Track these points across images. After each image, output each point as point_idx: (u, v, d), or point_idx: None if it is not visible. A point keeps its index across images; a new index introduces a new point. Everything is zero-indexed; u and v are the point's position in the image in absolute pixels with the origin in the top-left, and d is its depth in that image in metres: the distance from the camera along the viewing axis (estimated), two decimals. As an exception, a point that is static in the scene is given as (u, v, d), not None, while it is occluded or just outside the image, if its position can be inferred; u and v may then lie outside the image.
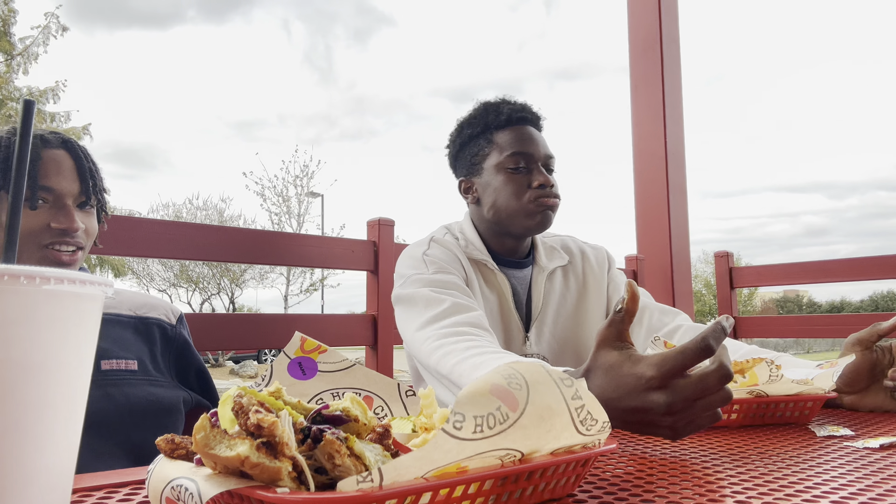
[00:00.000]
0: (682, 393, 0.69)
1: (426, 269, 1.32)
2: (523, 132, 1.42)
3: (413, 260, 1.37)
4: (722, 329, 0.69)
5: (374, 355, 2.11)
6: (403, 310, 1.30)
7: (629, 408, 0.71)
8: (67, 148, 1.06)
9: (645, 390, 0.70)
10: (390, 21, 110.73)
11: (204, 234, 1.80)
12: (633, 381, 0.71)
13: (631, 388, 0.71)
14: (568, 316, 1.47)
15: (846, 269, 2.89)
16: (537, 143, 1.41)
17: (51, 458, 0.38)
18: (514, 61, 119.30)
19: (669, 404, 0.69)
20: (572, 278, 1.51)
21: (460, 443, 0.43)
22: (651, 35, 2.94)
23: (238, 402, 0.42)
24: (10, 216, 0.45)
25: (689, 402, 0.69)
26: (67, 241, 1.02)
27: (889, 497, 0.54)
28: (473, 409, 0.44)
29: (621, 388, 0.72)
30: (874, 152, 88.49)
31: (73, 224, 1.02)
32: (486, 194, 1.42)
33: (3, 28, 12.70)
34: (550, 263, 1.48)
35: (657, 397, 0.69)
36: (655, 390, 0.69)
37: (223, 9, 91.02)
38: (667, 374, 0.69)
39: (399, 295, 1.32)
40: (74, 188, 1.05)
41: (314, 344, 0.68)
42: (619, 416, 0.72)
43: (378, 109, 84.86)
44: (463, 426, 0.43)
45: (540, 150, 1.40)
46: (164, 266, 18.47)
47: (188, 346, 1.23)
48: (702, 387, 0.68)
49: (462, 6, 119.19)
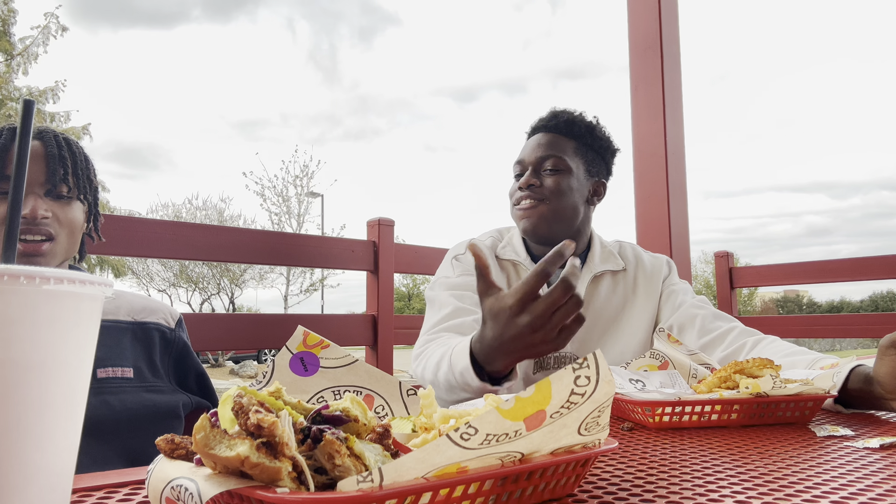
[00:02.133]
0: (536, 310, 0.85)
1: (452, 273, 1.40)
2: (531, 141, 1.45)
3: (445, 263, 1.45)
4: (557, 252, 0.84)
5: (374, 355, 2.11)
6: (427, 309, 1.40)
7: (510, 337, 0.88)
8: (41, 138, 1.03)
9: (512, 318, 0.87)
10: (395, 20, 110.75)
11: (204, 234, 1.80)
12: (503, 314, 0.88)
13: (504, 321, 0.88)
14: (608, 322, 1.45)
15: (846, 269, 2.89)
16: (533, 149, 1.42)
17: (51, 457, 0.38)
18: (519, 60, 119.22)
19: (531, 323, 0.85)
20: (621, 285, 1.48)
21: (464, 451, 0.43)
22: (651, 35, 2.94)
23: (238, 402, 0.42)
24: (9, 216, 0.44)
25: (545, 316, 0.85)
26: (31, 229, 0.97)
27: (889, 497, 0.54)
28: (489, 428, 0.43)
29: (499, 324, 0.89)
30: (878, 152, 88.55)
31: (32, 212, 0.97)
32: None
33: (3, 28, 12.70)
34: (602, 266, 1.47)
35: (521, 320, 0.86)
36: (517, 315, 0.87)
37: (228, 8, 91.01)
38: (523, 299, 0.85)
39: (427, 296, 1.43)
40: (39, 177, 1.00)
41: (317, 339, 0.67)
42: (510, 346, 0.89)
43: (381, 109, 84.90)
44: (471, 439, 0.42)
45: (532, 154, 1.41)
46: (163, 266, 18.46)
47: (187, 349, 1.23)
48: (550, 300, 0.84)
49: (468, 5, 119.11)
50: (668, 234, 2.89)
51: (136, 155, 65.05)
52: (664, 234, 2.91)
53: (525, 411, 0.44)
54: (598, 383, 0.47)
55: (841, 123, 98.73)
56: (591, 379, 0.47)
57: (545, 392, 0.45)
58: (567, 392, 0.46)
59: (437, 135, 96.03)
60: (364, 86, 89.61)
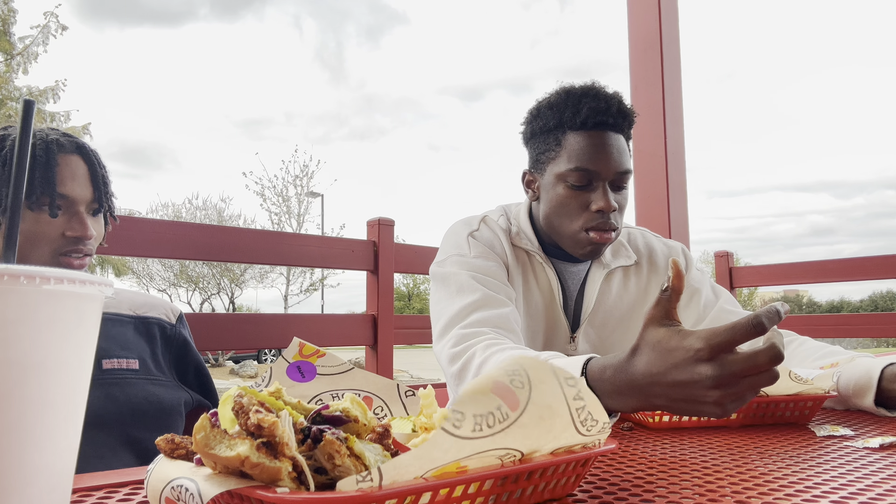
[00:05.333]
0: (730, 367, 0.67)
1: (468, 251, 1.25)
2: (597, 141, 1.21)
3: (458, 238, 1.29)
4: (776, 312, 0.68)
5: (373, 355, 2.11)
6: (438, 288, 1.24)
7: (676, 381, 0.70)
8: (82, 153, 1.06)
9: (693, 362, 0.69)
10: (403, 19, 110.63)
11: (204, 234, 1.80)
12: (682, 353, 0.70)
13: (679, 360, 0.70)
14: (621, 319, 1.35)
15: (846, 268, 2.89)
16: (608, 158, 1.20)
17: (51, 457, 0.38)
18: (526, 59, 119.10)
19: (717, 377, 0.68)
20: (633, 280, 1.38)
21: (459, 441, 0.42)
22: (651, 35, 2.93)
23: (238, 402, 0.42)
24: (9, 216, 0.44)
25: (736, 377, 0.68)
26: (80, 248, 1.03)
27: (889, 497, 0.54)
28: (473, 408, 0.43)
29: (669, 361, 0.71)
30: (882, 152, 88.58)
31: (86, 232, 1.03)
32: (544, 200, 1.28)
33: (3, 28, 12.69)
34: (614, 261, 1.35)
35: (705, 370, 0.68)
36: (704, 362, 0.68)
37: (236, 6, 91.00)
38: (716, 348, 0.68)
39: (435, 272, 1.26)
40: (87, 195, 1.05)
41: (312, 349, 0.68)
42: (665, 391, 0.72)
43: (386, 108, 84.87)
44: (462, 424, 0.42)
45: (611, 165, 1.20)
46: (164, 266, 18.46)
47: (188, 345, 1.23)
48: (751, 363, 0.67)
49: (477, 4, 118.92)
50: (668, 235, 2.89)
51: (140, 154, 65.18)
52: (664, 235, 2.91)
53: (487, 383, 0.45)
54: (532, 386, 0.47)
55: (846, 123, 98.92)
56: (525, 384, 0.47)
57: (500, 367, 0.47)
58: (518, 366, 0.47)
59: (442, 134, 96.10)
60: (370, 85, 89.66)
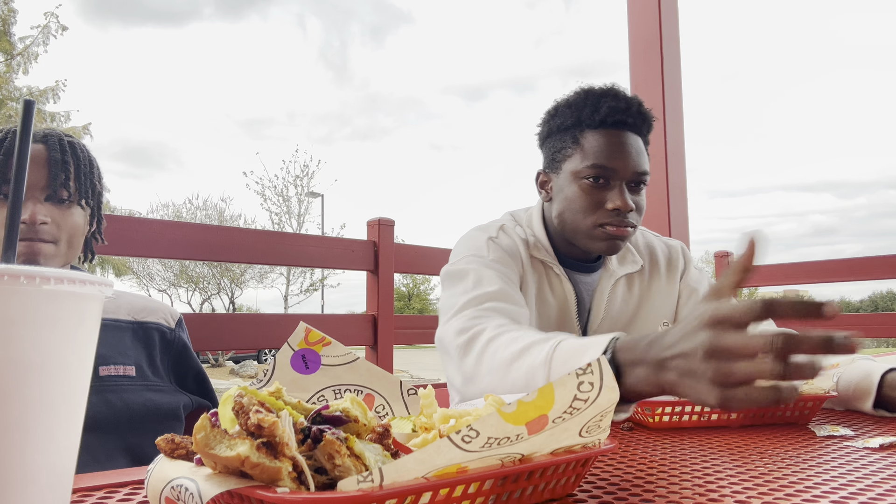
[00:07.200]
0: (725, 339, 0.60)
1: (487, 254, 1.22)
2: (615, 140, 1.20)
3: (476, 241, 1.26)
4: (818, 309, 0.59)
5: (374, 355, 2.11)
6: (453, 283, 1.19)
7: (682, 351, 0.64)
8: (46, 142, 1.03)
9: (696, 329, 0.63)
10: (408, 18, 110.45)
11: (204, 234, 1.80)
12: (692, 319, 0.65)
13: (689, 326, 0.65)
14: (626, 324, 1.33)
15: (846, 268, 2.89)
16: (627, 156, 1.19)
17: (51, 457, 0.38)
18: (530, 58, 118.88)
19: (709, 347, 0.61)
20: (637, 284, 1.36)
21: (465, 453, 0.43)
22: (651, 35, 2.93)
23: (238, 402, 0.42)
24: (9, 216, 0.44)
25: (728, 353, 0.60)
26: (30, 234, 0.98)
27: (889, 497, 0.54)
28: (491, 432, 0.43)
29: (683, 328, 0.66)
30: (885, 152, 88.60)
31: (31, 217, 0.97)
32: (558, 199, 1.26)
33: (3, 28, 12.69)
34: (621, 269, 1.34)
35: (701, 336, 0.62)
36: (703, 329, 0.62)
37: (240, 6, 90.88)
38: (719, 316, 0.62)
39: (449, 271, 1.22)
40: (40, 181, 1.00)
41: (318, 335, 0.67)
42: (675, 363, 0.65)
43: (390, 107, 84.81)
44: (473, 441, 0.42)
45: (629, 164, 1.19)
46: (164, 266, 18.46)
47: (187, 349, 1.23)
48: (745, 341, 0.59)
49: (482, 3, 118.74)
50: (668, 235, 2.89)
51: (142, 154, 65.12)
52: (664, 235, 2.91)
53: (527, 415, 0.44)
54: (602, 389, 0.47)
55: (850, 124, 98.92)
56: (595, 385, 0.47)
57: (548, 397, 0.45)
58: (570, 397, 0.46)
59: (444, 133, 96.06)
60: (374, 85, 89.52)
